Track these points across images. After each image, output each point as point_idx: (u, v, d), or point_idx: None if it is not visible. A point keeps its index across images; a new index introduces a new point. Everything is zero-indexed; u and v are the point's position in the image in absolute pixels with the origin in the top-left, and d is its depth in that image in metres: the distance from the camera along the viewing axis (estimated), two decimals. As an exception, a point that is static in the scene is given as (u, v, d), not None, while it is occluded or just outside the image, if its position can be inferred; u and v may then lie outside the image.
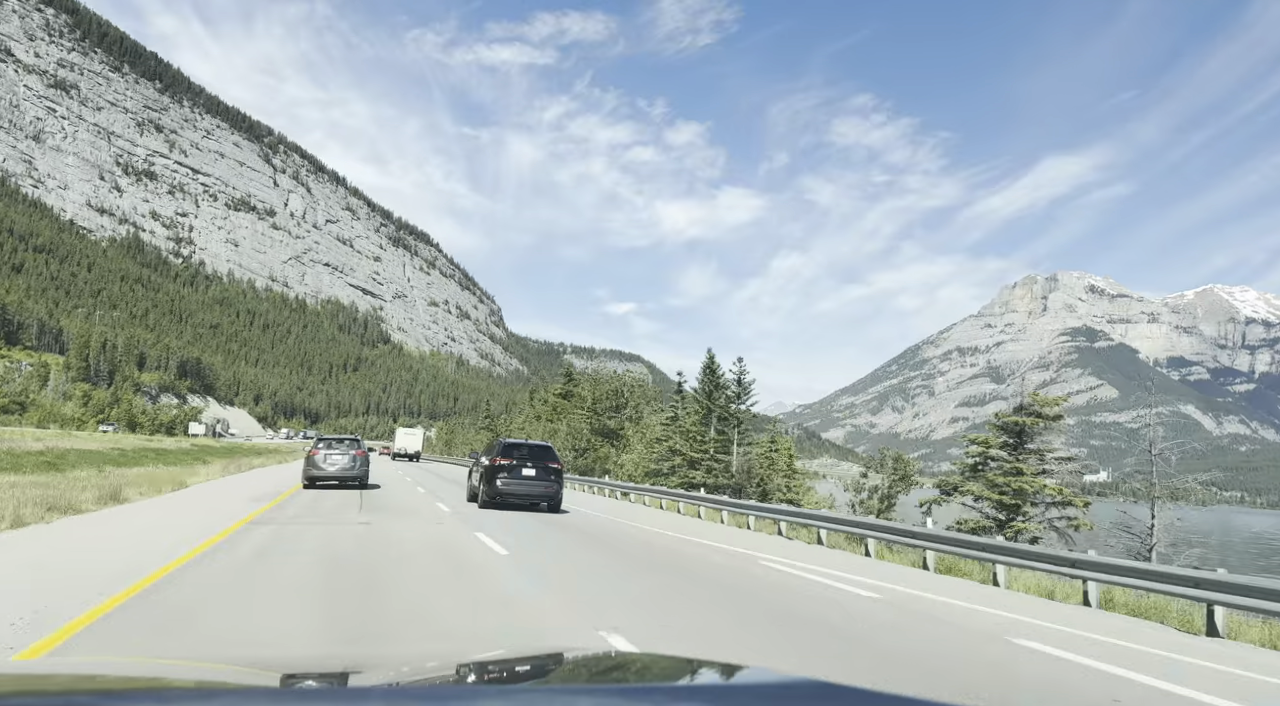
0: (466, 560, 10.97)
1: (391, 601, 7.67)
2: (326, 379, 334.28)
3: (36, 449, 39.68)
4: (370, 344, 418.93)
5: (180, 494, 20.47)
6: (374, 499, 21.39)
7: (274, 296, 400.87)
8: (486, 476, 20.70)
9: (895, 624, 8.53)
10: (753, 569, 12.34)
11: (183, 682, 1.70)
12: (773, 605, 9.12)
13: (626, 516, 22.36)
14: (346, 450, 25.30)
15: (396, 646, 6.07)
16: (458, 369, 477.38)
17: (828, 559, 15.01)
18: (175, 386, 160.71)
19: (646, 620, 7.63)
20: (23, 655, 5.23)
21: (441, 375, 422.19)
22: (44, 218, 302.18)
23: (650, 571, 11.18)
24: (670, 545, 15.16)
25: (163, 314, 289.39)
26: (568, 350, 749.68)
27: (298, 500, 19.92)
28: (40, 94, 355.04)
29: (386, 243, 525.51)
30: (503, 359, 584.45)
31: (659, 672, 1.98)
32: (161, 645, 5.77)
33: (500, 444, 21.45)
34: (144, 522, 13.42)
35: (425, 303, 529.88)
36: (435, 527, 14.99)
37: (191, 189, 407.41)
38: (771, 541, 17.85)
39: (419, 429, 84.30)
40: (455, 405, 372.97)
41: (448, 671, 2.14)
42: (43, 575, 8.08)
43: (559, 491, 21.06)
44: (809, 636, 7.47)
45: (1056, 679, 6.61)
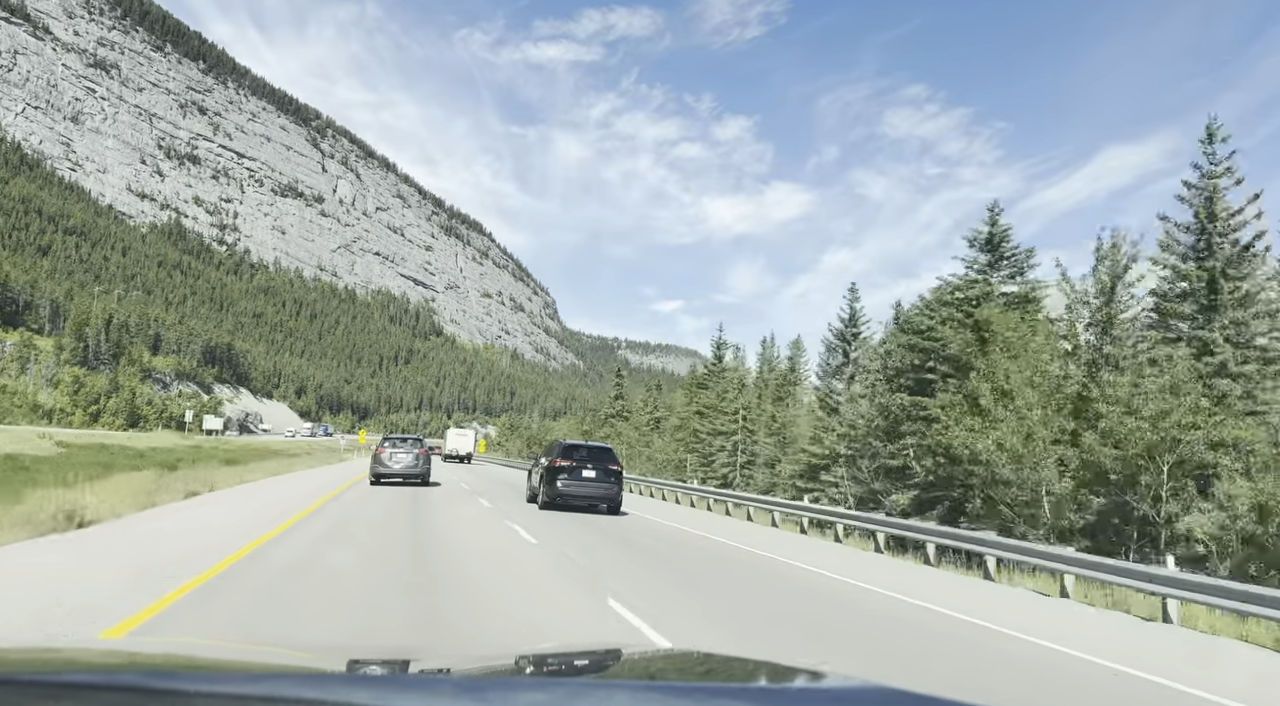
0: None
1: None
2: (376, 372, 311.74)
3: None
4: (422, 336, 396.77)
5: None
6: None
7: (322, 286, 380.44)
8: (547, 477, 20.66)
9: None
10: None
11: (251, 665, 1.71)
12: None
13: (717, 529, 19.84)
14: (410, 449, 26.36)
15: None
16: (512, 363, 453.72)
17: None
18: (198, 374, 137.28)
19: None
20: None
21: (496, 369, 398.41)
22: (80, 201, 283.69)
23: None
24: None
25: (201, 301, 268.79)
26: (622, 345, 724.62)
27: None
28: (79, 74, 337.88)
29: (438, 231, 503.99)
30: (558, 353, 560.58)
31: (720, 672, 1.93)
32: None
33: (560, 445, 21.72)
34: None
35: (478, 294, 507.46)
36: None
37: (236, 174, 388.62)
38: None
39: (471, 429, 79.77)
40: (512, 400, 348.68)
41: (507, 662, 2.11)
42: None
43: (619, 494, 21.00)
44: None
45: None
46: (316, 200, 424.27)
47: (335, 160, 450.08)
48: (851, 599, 10.86)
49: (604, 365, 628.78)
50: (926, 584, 13.00)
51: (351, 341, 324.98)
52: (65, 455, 38.82)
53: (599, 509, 20.95)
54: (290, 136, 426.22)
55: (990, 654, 8.20)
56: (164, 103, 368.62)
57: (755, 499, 25.36)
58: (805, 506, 21.94)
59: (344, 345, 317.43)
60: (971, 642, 8.69)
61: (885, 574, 13.72)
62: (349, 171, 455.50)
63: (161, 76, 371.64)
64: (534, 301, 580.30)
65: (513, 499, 24.69)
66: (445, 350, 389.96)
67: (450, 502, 21.79)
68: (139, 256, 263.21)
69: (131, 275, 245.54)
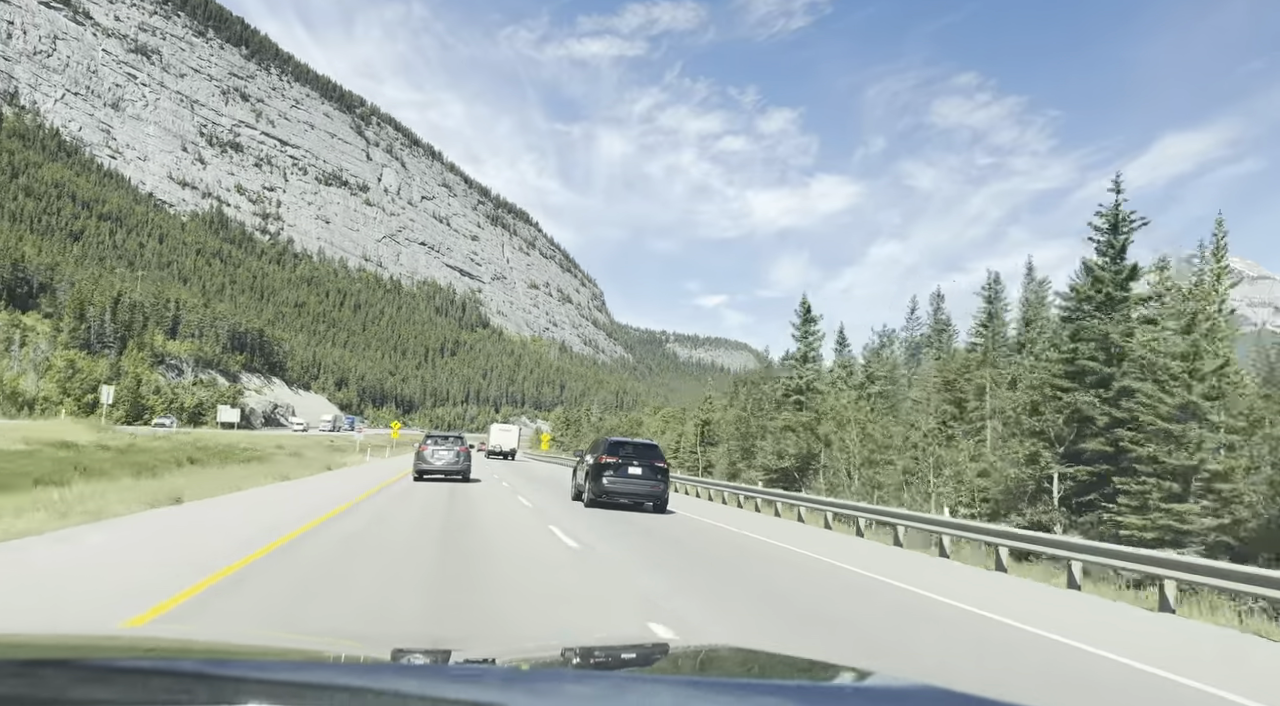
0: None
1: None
2: (421, 364, 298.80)
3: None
4: (468, 327, 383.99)
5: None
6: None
7: (366, 276, 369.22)
8: (593, 474, 20.29)
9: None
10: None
11: (298, 652, 1.70)
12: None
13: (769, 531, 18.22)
14: (451, 446, 26.79)
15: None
16: (561, 355, 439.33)
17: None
18: (222, 361, 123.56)
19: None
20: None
21: (545, 361, 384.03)
22: (119, 188, 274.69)
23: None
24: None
25: (241, 290, 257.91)
26: (670, 339, 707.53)
27: None
28: (120, 59, 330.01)
29: (484, 221, 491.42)
30: (607, 346, 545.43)
31: (764, 669, 1.91)
32: None
33: (606, 441, 21.70)
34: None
35: (525, 285, 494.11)
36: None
37: (279, 162, 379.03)
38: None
39: (515, 425, 76.13)
40: (562, 393, 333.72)
41: (552, 654, 2.09)
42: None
43: (665, 491, 20.73)
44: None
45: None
46: (361, 189, 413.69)
47: (380, 148, 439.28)
48: (980, 633, 8.39)
49: (653, 359, 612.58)
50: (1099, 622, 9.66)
51: (396, 332, 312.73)
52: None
53: (644, 507, 20.63)
54: (334, 124, 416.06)
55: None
56: (206, 89, 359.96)
57: (830, 502, 22.43)
58: (909, 514, 18.35)
59: (388, 336, 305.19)
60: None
61: (1025, 601, 10.87)
62: (394, 160, 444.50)
63: (203, 62, 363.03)
64: (581, 293, 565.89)
65: (554, 496, 23.88)
66: (492, 342, 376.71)
67: (490, 505, 19.18)
68: (176, 244, 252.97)
69: (168, 262, 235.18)
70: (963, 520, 18.39)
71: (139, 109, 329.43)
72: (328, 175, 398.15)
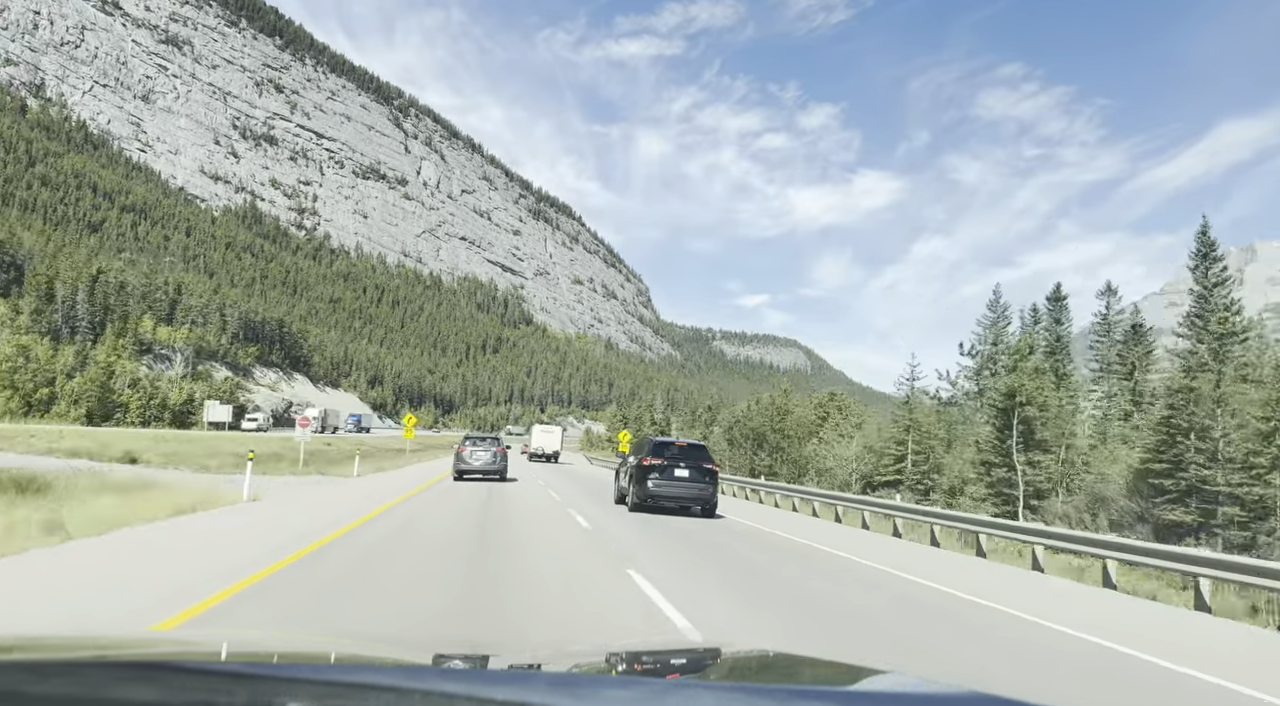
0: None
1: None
2: (463, 361, 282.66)
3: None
4: (511, 324, 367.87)
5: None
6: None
7: (406, 272, 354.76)
8: (637, 477, 19.32)
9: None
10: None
11: (341, 656, 1.70)
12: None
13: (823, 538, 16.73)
14: (488, 447, 28.02)
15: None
16: (607, 352, 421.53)
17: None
18: (229, 353, 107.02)
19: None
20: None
21: (592, 358, 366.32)
22: (147, 181, 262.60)
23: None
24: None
25: (272, 285, 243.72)
26: (716, 336, 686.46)
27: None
28: (150, 50, 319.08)
29: (526, 215, 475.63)
30: (654, 343, 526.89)
31: (807, 675, 1.90)
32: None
33: (650, 442, 20.29)
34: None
35: (569, 280, 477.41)
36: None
37: (315, 155, 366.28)
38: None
39: (557, 426, 67.10)
40: (610, 392, 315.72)
41: (594, 658, 2.06)
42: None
43: (714, 494, 19.61)
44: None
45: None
46: (400, 182, 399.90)
47: (419, 141, 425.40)
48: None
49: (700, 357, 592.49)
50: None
51: (436, 329, 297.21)
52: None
53: (691, 511, 19.70)
54: (371, 116, 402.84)
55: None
56: (239, 81, 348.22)
57: (906, 509, 20.12)
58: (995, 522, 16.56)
59: (427, 333, 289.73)
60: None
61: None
62: (433, 152, 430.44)
63: (236, 53, 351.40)
64: (626, 288, 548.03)
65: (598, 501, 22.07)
66: (536, 339, 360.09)
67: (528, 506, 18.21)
68: (204, 237, 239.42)
69: (194, 255, 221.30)
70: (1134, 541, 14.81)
71: (170, 101, 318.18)
72: (365, 168, 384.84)
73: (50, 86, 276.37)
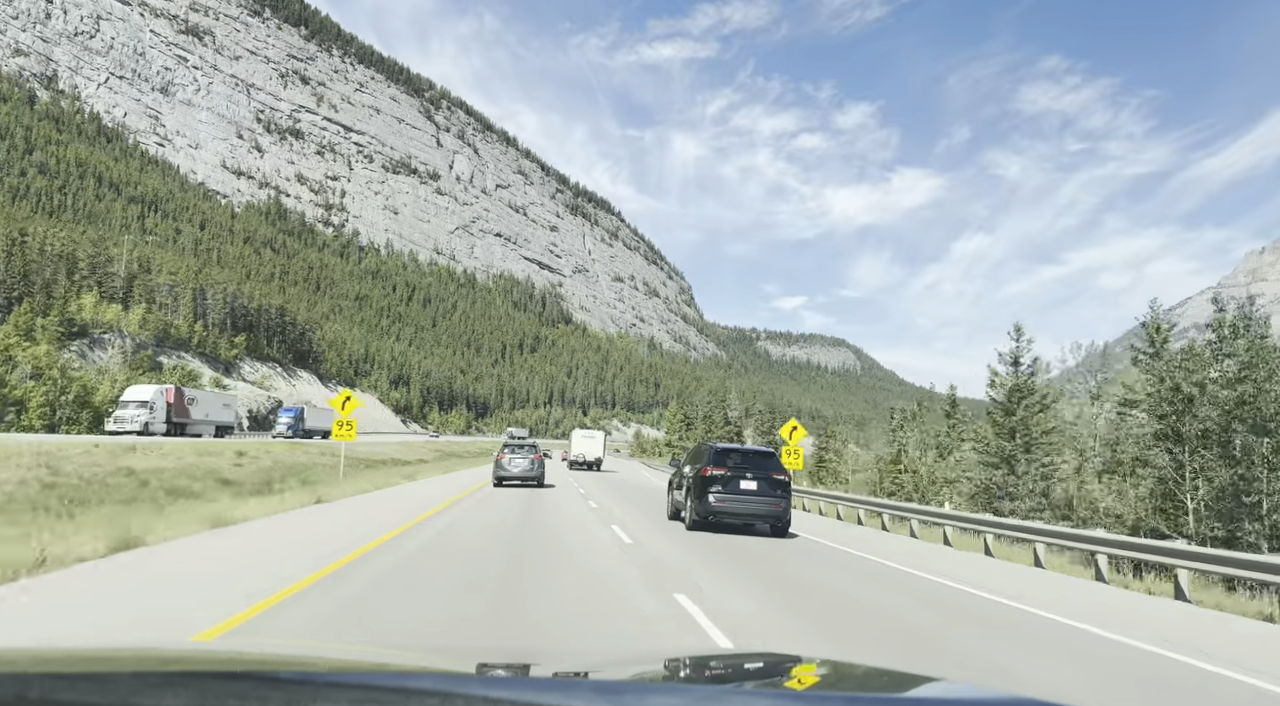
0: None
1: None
2: (498, 361, 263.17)
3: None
4: (549, 323, 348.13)
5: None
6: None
7: (439, 270, 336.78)
8: (696, 490, 16.45)
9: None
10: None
11: (386, 665, 1.71)
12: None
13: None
14: (526, 454, 27.62)
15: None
16: (650, 352, 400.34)
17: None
18: (206, 342, 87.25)
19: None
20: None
21: (635, 357, 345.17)
22: (165, 175, 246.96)
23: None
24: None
25: (293, 281, 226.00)
26: (760, 336, 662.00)
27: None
28: (169, 41, 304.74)
29: (563, 210, 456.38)
30: (698, 342, 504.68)
31: (865, 683, 1.86)
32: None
33: (711, 449, 17.31)
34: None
35: (609, 278, 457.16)
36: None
37: (343, 149, 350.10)
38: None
39: (599, 431, 60.82)
40: (657, 393, 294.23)
41: (640, 667, 2.07)
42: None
43: (787, 509, 16.59)
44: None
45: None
46: (431, 177, 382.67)
47: (451, 134, 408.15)
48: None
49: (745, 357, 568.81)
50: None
51: (470, 328, 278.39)
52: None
53: (755, 528, 17.06)
54: (402, 108, 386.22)
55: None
56: (262, 72, 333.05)
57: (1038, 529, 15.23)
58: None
59: (460, 332, 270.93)
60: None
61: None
62: (466, 146, 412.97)
63: (259, 44, 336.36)
64: (669, 286, 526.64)
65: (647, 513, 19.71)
66: (576, 338, 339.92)
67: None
68: (219, 231, 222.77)
69: (207, 249, 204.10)
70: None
71: (190, 94, 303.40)
72: (395, 163, 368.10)
73: (63, 78, 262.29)
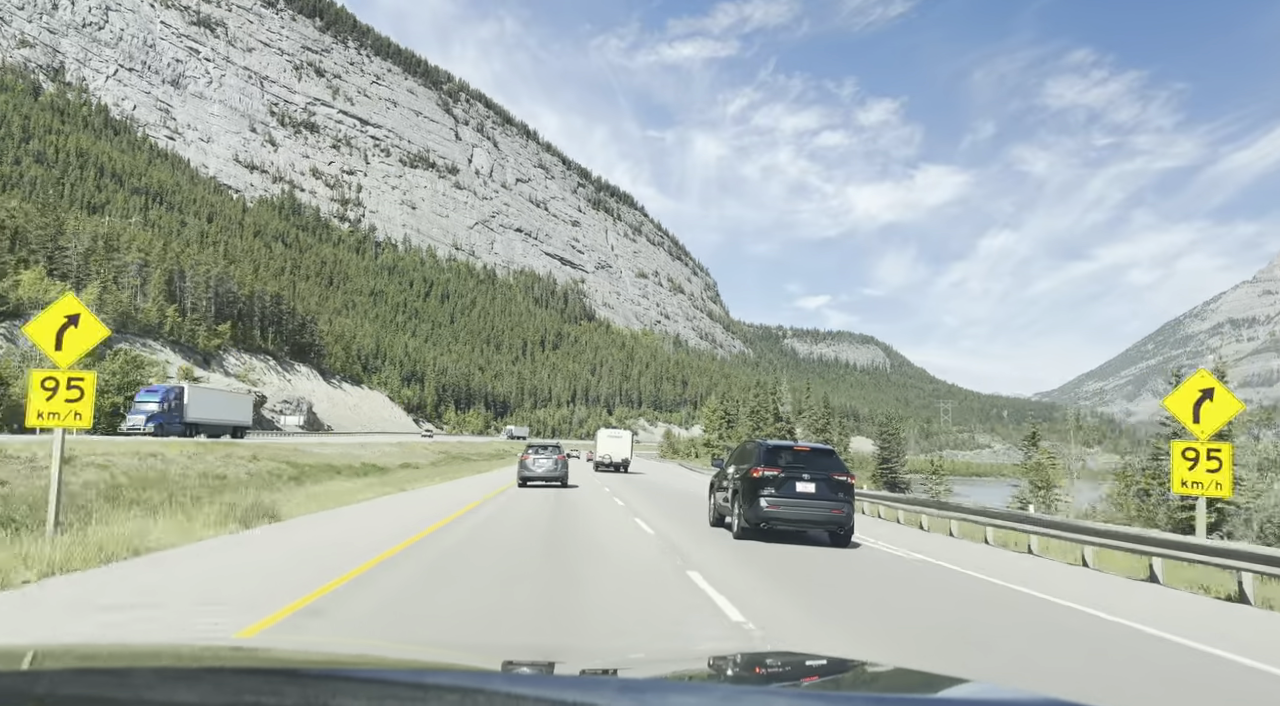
0: None
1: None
2: (519, 358, 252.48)
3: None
4: (572, 320, 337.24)
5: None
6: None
7: (458, 266, 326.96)
8: (745, 493, 14.39)
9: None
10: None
11: (412, 662, 1.71)
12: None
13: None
14: (550, 455, 28.37)
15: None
16: (676, 349, 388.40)
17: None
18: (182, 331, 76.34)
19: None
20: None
21: (661, 354, 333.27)
22: (174, 168, 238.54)
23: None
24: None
25: (304, 275, 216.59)
26: (787, 334, 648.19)
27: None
28: (180, 33, 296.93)
29: (585, 205, 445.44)
30: (724, 339, 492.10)
31: (894, 683, 1.85)
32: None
33: (762, 447, 15.23)
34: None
35: (632, 274, 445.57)
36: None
37: (360, 142, 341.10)
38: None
39: (626, 431, 55.24)
40: (684, 391, 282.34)
41: (667, 666, 2.06)
42: None
43: (849, 515, 14.33)
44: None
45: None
46: (450, 171, 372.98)
47: (470, 127, 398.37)
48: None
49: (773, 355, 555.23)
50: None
51: (490, 324, 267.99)
52: None
53: (809, 535, 15.06)
54: (419, 101, 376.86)
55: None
56: (276, 64, 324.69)
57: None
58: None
59: (479, 328, 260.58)
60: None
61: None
62: (485, 139, 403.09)
63: (273, 35, 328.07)
64: (694, 282, 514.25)
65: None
66: (600, 334, 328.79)
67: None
68: (228, 224, 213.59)
69: (213, 242, 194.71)
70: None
71: (202, 86, 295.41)
72: (413, 156, 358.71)
73: (71, 70, 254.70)
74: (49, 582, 7.36)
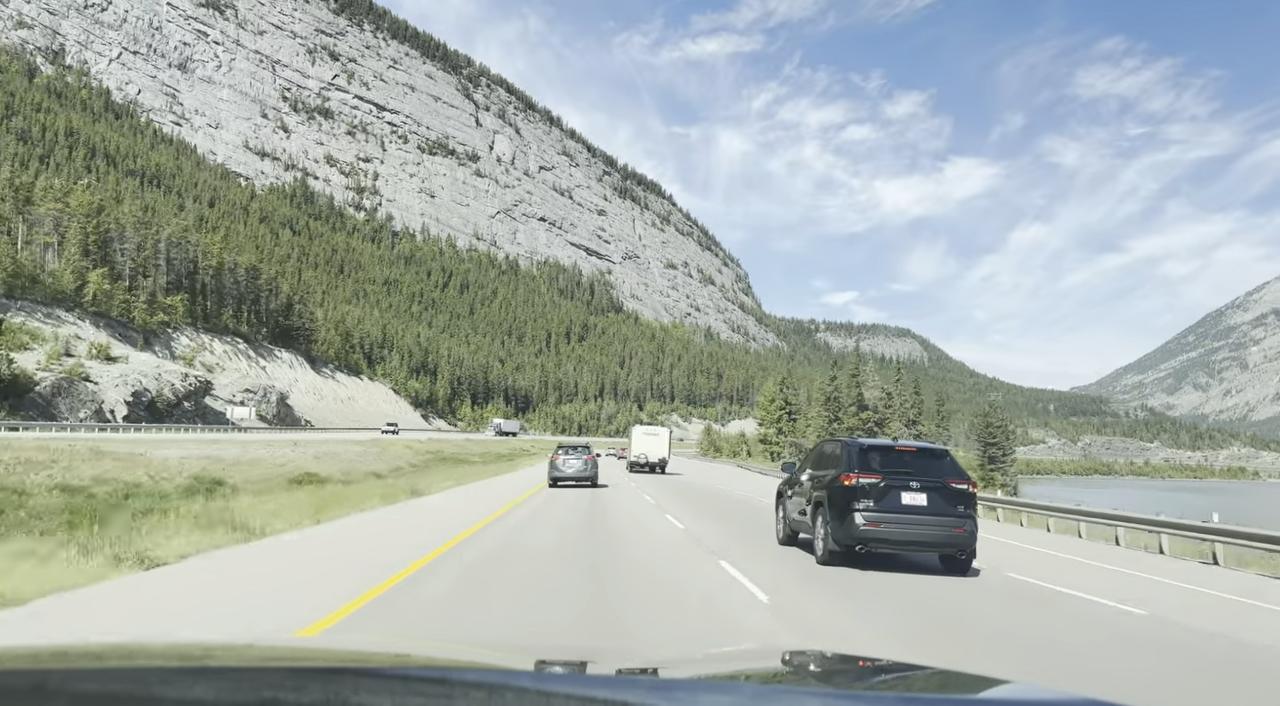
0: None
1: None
2: (542, 350, 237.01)
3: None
4: (598, 312, 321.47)
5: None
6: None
7: (478, 256, 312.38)
8: (834, 506, 10.92)
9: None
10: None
11: (449, 661, 1.70)
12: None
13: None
14: (579, 455, 28.76)
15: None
16: (708, 342, 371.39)
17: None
18: (110, 301, 61.60)
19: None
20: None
21: (693, 347, 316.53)
22: (179, 154, 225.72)
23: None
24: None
25: (312, 264, 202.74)
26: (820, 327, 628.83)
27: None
28: (188, 15, 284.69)
29: (611, 194, 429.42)
30: (757, 332, 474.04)
31: (929, 684, 1.83)
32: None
33: (853, 446, 11.46)
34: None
35: (661, 265, 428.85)
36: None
37: (376, 129, 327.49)
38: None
39: (663, 428, 50.61)
40: (719, 384, 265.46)
41: (699, 667, 2.06)
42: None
43: (972, 535, 10.72)
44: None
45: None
46: (470, 158, 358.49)
47: (491, 113, 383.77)
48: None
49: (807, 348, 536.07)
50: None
51: (511, 315, 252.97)
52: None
53: (911, 556, 11.57)
54: (438, 86, 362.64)
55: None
56: (289, 48, 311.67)
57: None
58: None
59: (500, 319, 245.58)
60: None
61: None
62: (507, 126, 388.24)
63: (285, 18, 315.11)
64: (724, 273, 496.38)
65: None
66: (628, 326, 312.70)
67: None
68: (232, 209, 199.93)
69: (212, 226, 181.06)
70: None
71: (210, 71, 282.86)
72: (432, 143, 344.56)
73: (71, 52, 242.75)
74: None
